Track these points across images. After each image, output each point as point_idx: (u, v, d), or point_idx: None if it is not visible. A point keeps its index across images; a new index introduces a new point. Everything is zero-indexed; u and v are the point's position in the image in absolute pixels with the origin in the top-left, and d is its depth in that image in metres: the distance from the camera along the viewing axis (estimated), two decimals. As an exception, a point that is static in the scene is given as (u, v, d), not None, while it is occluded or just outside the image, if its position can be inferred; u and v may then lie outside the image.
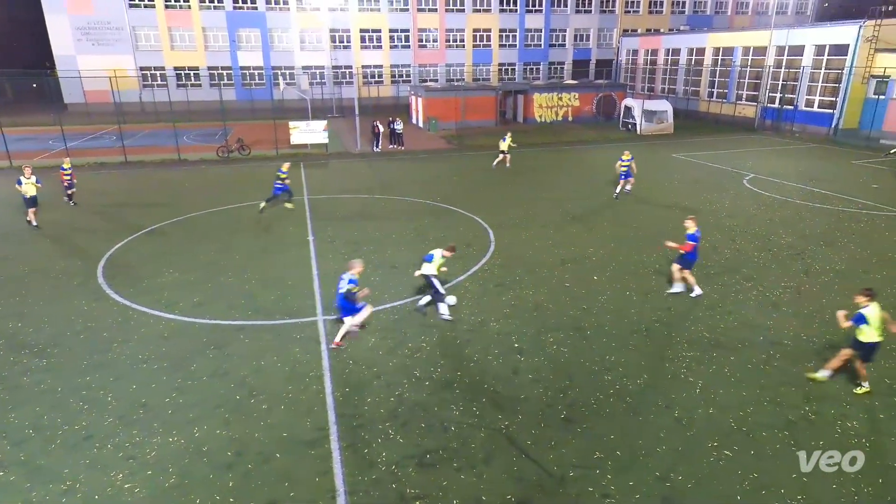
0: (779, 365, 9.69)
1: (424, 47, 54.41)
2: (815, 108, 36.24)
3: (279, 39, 51.55)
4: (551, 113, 41.87)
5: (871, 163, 26.67)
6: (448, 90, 40.05)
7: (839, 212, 18.62)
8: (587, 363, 9.82)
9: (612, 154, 29.74)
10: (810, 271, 13.64)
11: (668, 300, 12.13)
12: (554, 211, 19.11)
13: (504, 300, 12.22)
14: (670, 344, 10.40)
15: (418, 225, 17.48)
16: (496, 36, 55.69)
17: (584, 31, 58.50)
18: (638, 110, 36.85)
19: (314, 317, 11.52)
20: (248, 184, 23.57)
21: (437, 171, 26.23)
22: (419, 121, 41.07)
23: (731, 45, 42.64)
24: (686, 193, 21.22)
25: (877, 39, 32.44)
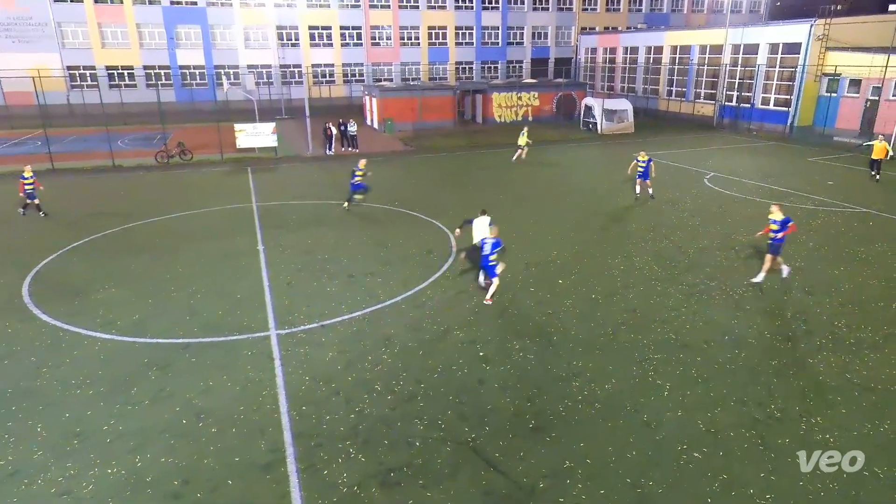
0: (744, 364, 10.07)
1: (378, 45, 54.33)
2: (771, 106, 37.99)
3: (221, 37, 50.52)
4: (511, 113, 42.43)
5: (827, 160, 28.11)
6: (404, 90, 40.09)
7: (797, 209, 19.52)
8: (554, 370, 9.95)
9: (573, 154, 30.38)
10: (772, 268, 14.21)
11: (634, 303, 12.45)
12: (516, 214, 19.33)
13: (468, 307, 12.27)
14: (637, 347, 10.66)
15: (376, 231, 17.42)
16: (452, 33, 56.13)
17: (542, 29, 59.63)
18: (598, 109, 37.78)
19: (266, 331, 11.29)
20: (190, 191, 22.96)
21: (393, 174, 26.19)
22: (374, 122, 40.92)
23: (688, 43, 44.27)
24: (645, 196, 21.79)
25: (827, 38, 34.30)
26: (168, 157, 28.70)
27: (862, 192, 21.66)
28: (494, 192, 22.33)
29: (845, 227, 17.46)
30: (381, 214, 19.37)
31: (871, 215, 18.58)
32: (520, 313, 12.01)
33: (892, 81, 31.38)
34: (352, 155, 30.84)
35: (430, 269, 14.37)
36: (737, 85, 39.84)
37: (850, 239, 16.44)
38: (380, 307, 12.24)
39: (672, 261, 14.87)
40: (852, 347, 10.53)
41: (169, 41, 49.15)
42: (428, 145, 33.19)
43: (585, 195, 21.78)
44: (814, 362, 10.07)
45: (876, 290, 13.03)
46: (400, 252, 15.59)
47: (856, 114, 33.61)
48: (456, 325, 11.46)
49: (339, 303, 12.44)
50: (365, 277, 13.84)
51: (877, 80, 31.85)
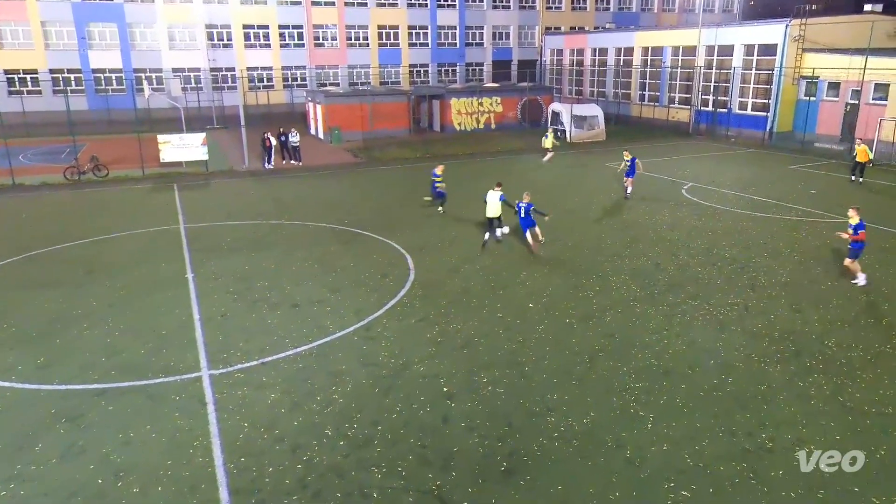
0: (731, 390, 10.33)
1: (322, 46, 54.46)
2: (749, 110, 39.70)
3: (142, 36, 49.73)
4: (471, 120, 43.01)
5: (808, 167, 29.48)
6: (352, 95, 40.22)
7: (780, 220, 20.36)
8: (527, 404, 9.98)
9: (541, 164, 30.93)
10: (756, 285, 14.76)
11: (612, 327, 12.66)
12: (480, 231, 19.49)
13: (428, 337, 12.25)
14: (617, 375, 10.82)
15: (322, 254, 17.32)
16: (405, 33, 56.80)
17: (503, 29, 60.98)
18: (567, 116, 38.71)
19: (197, 372, 10.99)
20: (106, 212, 22.37)
21: (342, 189, 26.14)
22: (319, 131, 40.85)
23: (659, 44, 46.00)
24: (623, 206, 22.41)
25: (804, 39, 36.22)
26: (79, 173, 27.91)
27: (845, 201, 22.70)
28: (455, 207, 22.47)
29: (831, 239, 18.27)
30: (328, 234, 19.27)
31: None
32: (487, 342, 12.05)
33: (871, 84, 33.29)
34: (294, 169, 30.64)
35: (386, 294, 14.33)
36: (712, 89, 41.51)
37: (836, 251, 17.19)
38: (329, 340, 12.11)
39: (651, 279, 15.23)
40: (844, 368, 10.95)
41: (80, 41, 48.03)
42: (380, 157, 33.29)
43: (555, 209, 22.14)
44: (804, 385, 10.42)
45: (865, 305, 13.63)
46: (351, 277, 15.50)
47: (836, 118, 35.44)
48: (416, 358, 11.40)
49: (282, 336, 12.25)
50: (311, 306, 13.69)
51: (855, 83, 33.73)
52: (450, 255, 17.15)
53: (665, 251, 17.38)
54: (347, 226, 20.06)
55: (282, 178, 28.54)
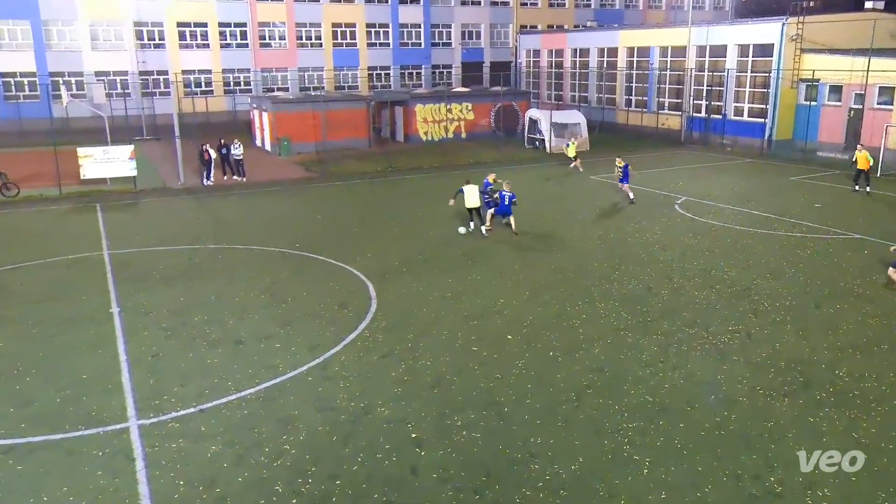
0: (735, 428, 10.45)
1: (268, 46, 54.51)
2: (746, 117, 40.83)
3: (60, 35, 49.11)
4: (439, 129, 43.32)
5: (811, 178, 30.36)
6: (303, 102, 40.24)
7: (783, 237, 20.87)
8: (507, 450, 9.95)
9: (517, 178, 31.18)
10: (759, 310, 15.04)
11: (601, 360, 12.74)
12: (451, 252, 19.56)
13: (394, 376, 12.18)
14: (607, 414, 10.86)
15: (271, 282, 17.19)
16: (363, 32, 57.22)
17: (473, 28, 61.88)
18: (546, 123, 39.27)
19: (124, 422, 10.73)
20: (16, 237, 21.90)
21: (293, 208, 26.05)
22: (265, 142, 40.71)
23: (646, 44, 47.16)
24: (610, 223, 22.73)
25: (802, 38, 37.53)
26: (-16, 192, 27.26)
27: (853, 215, 23.46)
28: (423, 225, 22.55)
29: (838, 258, 18.76)
30: (277, 260, 19.14)
31: (866, 242, 20.09)
32: (460, 380, 12.01)
33: (875, 87, 34.57)
34: (237, 185, 30.42)
35: (344, 328, 14.24)
36: (705, 93, 42.62)
37: (845, 271, 17.67)
38: (279, 381, 11.97)
39: (643, 305, 15.39)
40: (857, 401, 11.18)
41: (-14, 41, 47.20)
42: (336, 171, 33.30)
43: (534, 228, 22.34)
44: (815, 421, 10.59)
45: (878, 330, 13.98)
46: (304, 308, 15.39)
47: (839, 124, 36.65)
48: (379, 400, 11.31)
49: (224, 378, 12.07)
50: (258, 343, 13.54)
51: (858, 87, 35.01)
52: (417, 282, 17.13)
53: (658, 273, 17.62)
54: (299, 250, 19.95)
55: (223, 195, 28.33)
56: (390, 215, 24.39)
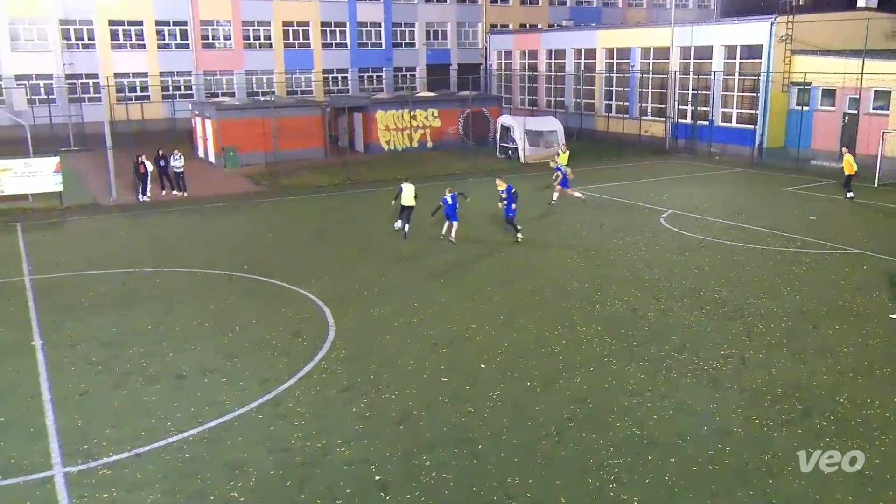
0: (730, 462, 10.54)
1: (212, 47, 54.28)
2: (734, 123, 41.70)
3: (-26, 35, 48.27)
4: (403, 137, 43.40)
5: (805, 189, 31.06)
6: (252, 108, 40.09)
7: (777, 253, 21.26)
8: (482, 491, 9.90)
9: (488, 190, 31.34)
10: (753, 332, 15.27)
11: (583, 390, 12.79)
12: (416, 273, 19.56)
13: (355, 412, 12.09)
14: (591, 450, 10.88)
15: (216, 309, 17.04)
16: (317, 32, 57.32)
17: (439, 27, 62.39)
18: (519, 131, 39.60)
19: (48, 470, 10.49)
20: (-77, 262, 21.29)
21: (241, 226, 25.91)
22: (209, 153, 40.40)
23: (626, 45, 48.00)
24: (591, 239, 22.96)
25: (792, 39, 38.57)
26: None
27: (850, 228, 24.02)
28: (385, 244, 22.53)
29: (836, 274, 19.16)
30: (223, 284, 19.01)
31: (865, 257, 20.57)
32: (429, 415, 11.95)
33: (870, 91, 35.62)
34: (177, 201, 30.10)
35: (299, 359, 14.14)
36: (691, 98, 43.45)
37: (843, 288, 18.04)
38: (225, 420, 11.82)
39: (628, 329, 15.52)
40: (859, 429, 11.37)
41: None
42: (288, 184, 33.17)
43: (508, 246, 22.45)
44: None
45: (880, 352, 14.27)
46: (253, 337, 15.26)
47: (833, 131, 37.63)
48: (339, 440, 11.21)
49: (163, 418, 11.88)
50: (201, 377, 13.37)
51: (853, 90, 36.05)
52: (379, 306, 17.08)
53: (644, 294, 17.80)
54: (248, 272, 19.81)
55: (161, 212, 28.03)
56: (349, 233, 24.32)
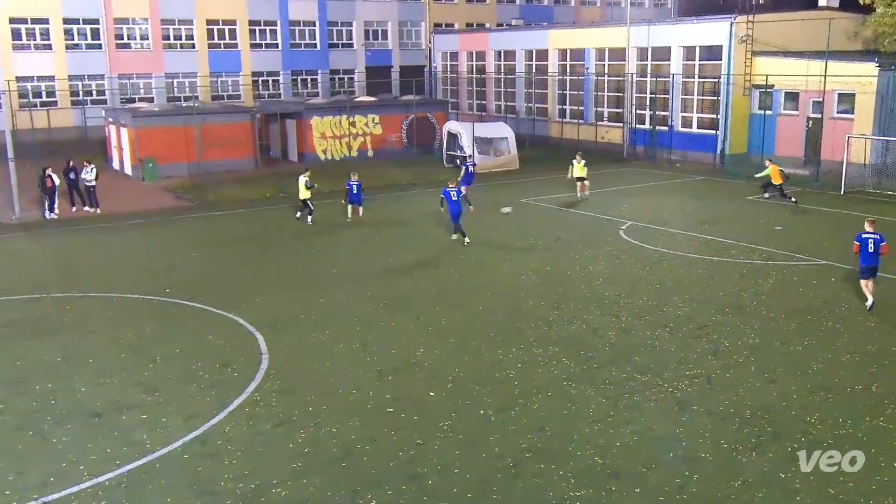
0: (698, 490, 10.70)
1: (127, 47, 53.42)
2: (695, 128, 42.67)
3: None
4: (341, 146, 43.29)
5: (770, 199, 31.88)
6: (173, 115, 39.58)
7: (742, 266, 21.75)
8: (433, 532, 9.86)
9: (435, 203, 31.46)
10: (719, 351, 15.57)
11: (541, 417, 12.84)
12: (358, 294, 19.48)
13: (292, 447, 11.96)
14: (550, 482, 10.92)
15: (134, 338, 16.75)
16: (245, 31, 56.87)
17: (379, 26, 62.51)
18: (467, 138, 39.79)
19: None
20: None
21: (162, 245, 25.53)
22: (125, 165, 39.70)
23: (580, 45, 48.76)
24: (546, 254, 23.18)
25: (752, 39, 39.73)
26: None
27: (817, 239, 24.75)
28: (323, 262, 22.39)
29: (804, 287, 19.69)
30: (143, 310, 18.70)
31: (833, 268, 21.19)
32: (374, 449, 11.88)
33: (833, 94, 36.86)
34: (89, 218, 29.45)
35: (229, 391, 13.96)
36: (649, 102, 44.32)
37: (812, 302, 18.54)
38: (146, 462, 11.57)
39: (588, 350, 15.67)
40: (832, 450, 11.65)
41: None
42: (215, 198, 32.79)
43: (457, 263, 22.50)
44: (787, 477, 10.97)
45: (850, 368, 14.69)
46: (177, 369, 15.04)
47: (797, 136, 38.79)
48: (275, 479, 11.06)
49: (75, 461, 11.58)
50: (118, 415, 13.09)
51: (816, 94, 37.25)
52: (317, 331, 16.96)
53: (603, 312, 18.01)
54: (170, 296, 19.53)
55: (71, 231, 27.46)
56: (283, 251, 24.10)
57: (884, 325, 16.92)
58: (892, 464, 11.25)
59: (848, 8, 43.57)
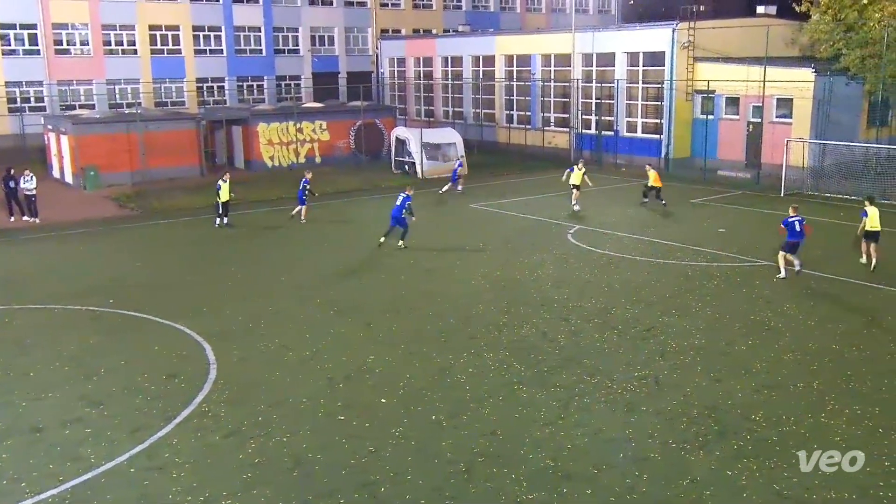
0: (648, 490, 10.86)
1: (66, 53, 52.37)
2: (640, 133, 43.37)
3: None
4: (288, 152, 43.05)
5: (712, 201, 32.59)
6: (115, 122, 38.98)
7: (687, 267, 22.18)
8: (386, 540, 9.83)
9: (383, 209, 31.45)
10: (666, 352, 15.84)
11: (493, 421, 12.90)
12: (307, 303, 19.37)
13: (241, 459, 11.83)
14: (503, 486, 10.97)
15: (77, 350, 16.45)
16: (189, 37, 56.18)
17: (325, 32, 62.26)
18: (416, 144, 39.90)
19: None
20: None
21: (104, 255, 25.16)
22: (66, 173, 38.97)
23: (526, 51, 49.25)
24: (495, 258, 23.31)
25: (694, 46, 40.59)
26: None
27: (759, 240, 25.31)
28: (272, 271, 22.23)
29: (747, 288, 20.15)
30: (85, 321, 18.37)
31: (774, 269, 21.69)
32: (325, 458, 11.81)
33: (773, 99, 37.84)
34: (29, 228, 28.79)
35: (176, 403, 13.77)
36: (594, 107, 44.93)
37: (755, 302, 18.99)
38: (91, 477, 11.34)
39: (538, 354, 15.80)
40: (776, 448, 11.94)
41: None
42: (160, 206, 32.36)
43: (407, 269, 22.51)
44: (733, 475, 11.20)
45: (792, 366, 15.08)
46: (121, 381, 14.77)
47: (738, 140, 39.71)
48: (224, 491, 10.93)
49: (16, 479, 11.29)
50: (61, 430, 12.81)
51: (756, 98, 38.19)
52: (266, 340, 16.81)
53: (553, 315, 18.17)
54: (114, 307, 19.20)
55: (10, 242, 26.84)
56: (230, 260, 23.83)
57: (824, 323, 17.41)
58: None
59: (785, 15, 44.70)
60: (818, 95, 36.48)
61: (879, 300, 19.03)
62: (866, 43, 35.29)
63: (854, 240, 22.14)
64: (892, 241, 24.95)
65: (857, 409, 13.17)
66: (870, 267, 21.18)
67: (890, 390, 13.93)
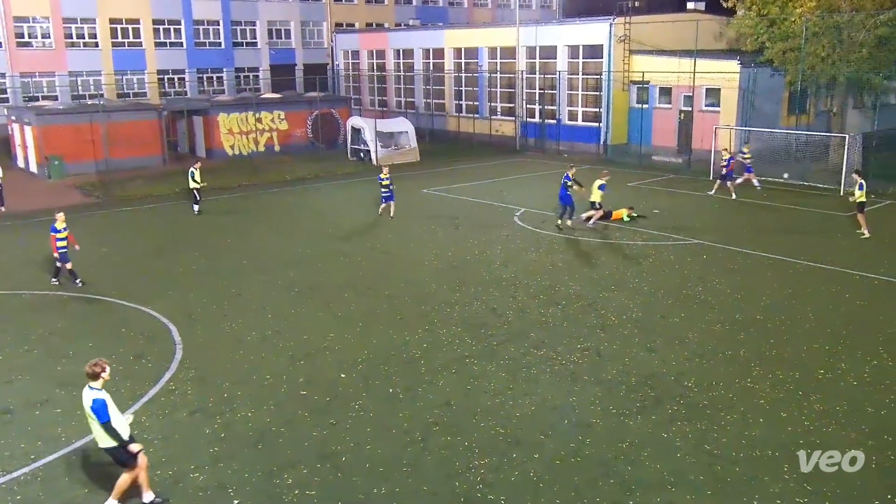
0: (591, 453, 11.08)
1: (28, 46, 50.80)
2: (580, 121, 43.72)
3: None
4: (248, 141, 42.60)
5: (648, 184, 33.02)
6: (78, 112, 38.19)
7: (625, 246, 22.52)
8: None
9: (340, 195, 31.31)
10: (606, 325, 16.10)
11: (446, 393, 13.00)
12: (269, 285, 19.22)
13: (208, 433, 11.77)
14: (457, 453, 11.10)
15: (45, 333, 16.13)
16: (149, 30, 54.96)
17: (282, 25, 61.43)
18: (370, 132, 39.74)
19: None
20: None
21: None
22: (30, 163, 38.14)
23: (473, 45, 49.21)
24: (446, 239, 23.38)
25: (629, 39, 40.98)
26: None
27: (690, 220, 25.81)
28: (234, 255, 22.00)
29: (679, 264, 20.53)
30: (53, 305, 18.04)
31: (704, 247, 22.17)
32: (288, 431, 11.79)
33: (702, 89, 38.43)
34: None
35: (144, 382, 13.64)
36: (538, 97, 45.15)
37: (687, 277, 19.37)
38: (62, 455, 11.20)
39: (488, 329, 15.94)
40: (706, 411, 12.27)
41: None
42: (124, 195, 31.82)
43: (364, 252, 22.48)
44: (668, 437, 11.48)
45: (721, 335, 15.45)
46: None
47: (671, 127, 40.31)
48: (192, 465, 10.87)
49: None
50: (32, 410, 12.61)
51: (686, 89, 38.76)
52: (230, 321, 16.68)
53: (501, 293, 18.32)
54: (81, 291, 18.87)
55: (-24, 230, 25.94)
56: (194, 245, 23.52)
57: (750, 296, 17.82)
58: (758, 420, 11.93)
59: (714, 11, 45.25)
60: (744, 86, 37.19)
61: (800, 274, 19.55)
62: (787, 37, 35.99)
63: (854, 218, 23.17)
64: (812, 220, 25.67)
65: (779, 374, 13.58)
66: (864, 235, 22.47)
67: (809, 356, 14.37)
